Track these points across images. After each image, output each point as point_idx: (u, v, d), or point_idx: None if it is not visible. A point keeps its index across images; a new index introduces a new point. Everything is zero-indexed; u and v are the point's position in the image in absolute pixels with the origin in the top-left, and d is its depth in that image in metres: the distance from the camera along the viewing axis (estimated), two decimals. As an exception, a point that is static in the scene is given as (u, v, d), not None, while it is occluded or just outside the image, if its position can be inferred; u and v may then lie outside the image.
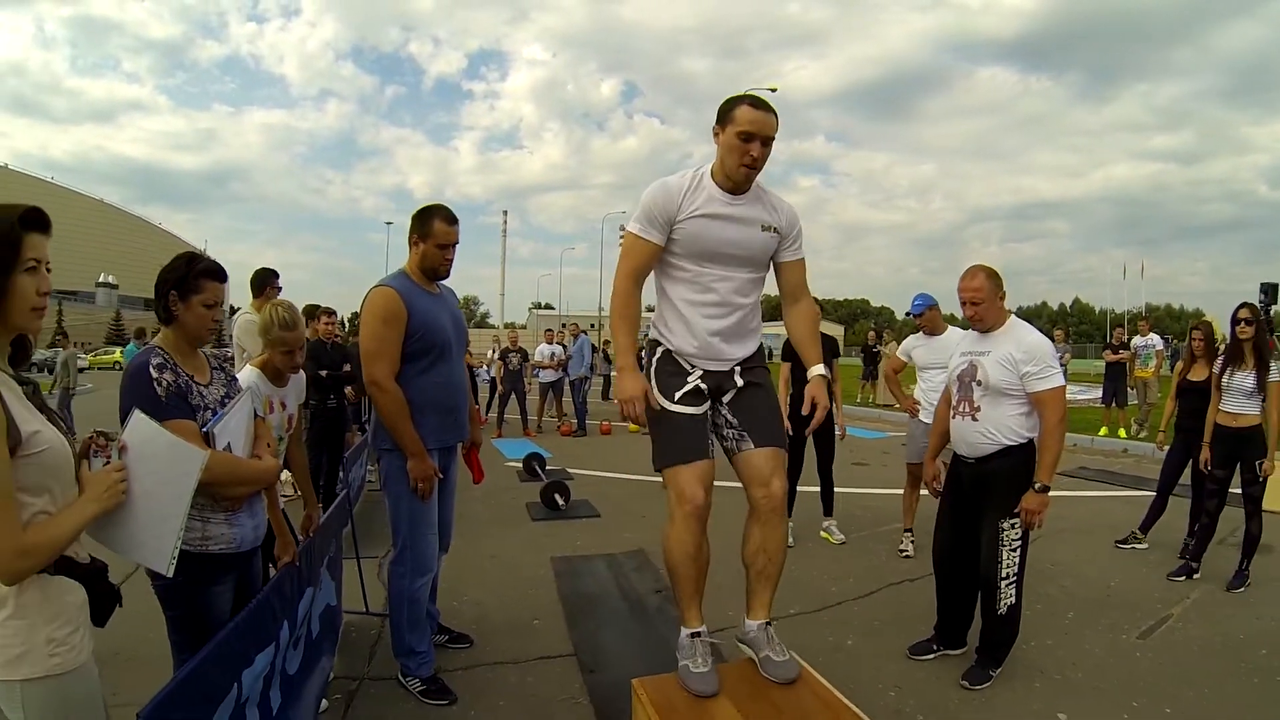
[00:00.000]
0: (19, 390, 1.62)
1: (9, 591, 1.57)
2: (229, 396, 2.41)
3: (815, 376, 3.02)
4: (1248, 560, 5.16)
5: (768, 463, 2.93)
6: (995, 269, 3.75)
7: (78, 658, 1.66)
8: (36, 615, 1.60)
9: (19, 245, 1.59)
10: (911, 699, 3.55)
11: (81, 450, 1.79)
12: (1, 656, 1.54)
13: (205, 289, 2.30)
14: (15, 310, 1.60)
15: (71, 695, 1.66)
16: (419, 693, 3.46)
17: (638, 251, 2.88)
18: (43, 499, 1.61)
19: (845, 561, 5.73)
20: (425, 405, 3.38)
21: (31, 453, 1.57)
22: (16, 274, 1.58)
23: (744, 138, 2.71)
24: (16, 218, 1.59)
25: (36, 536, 1.55)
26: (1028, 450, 3.62)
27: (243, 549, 2.43)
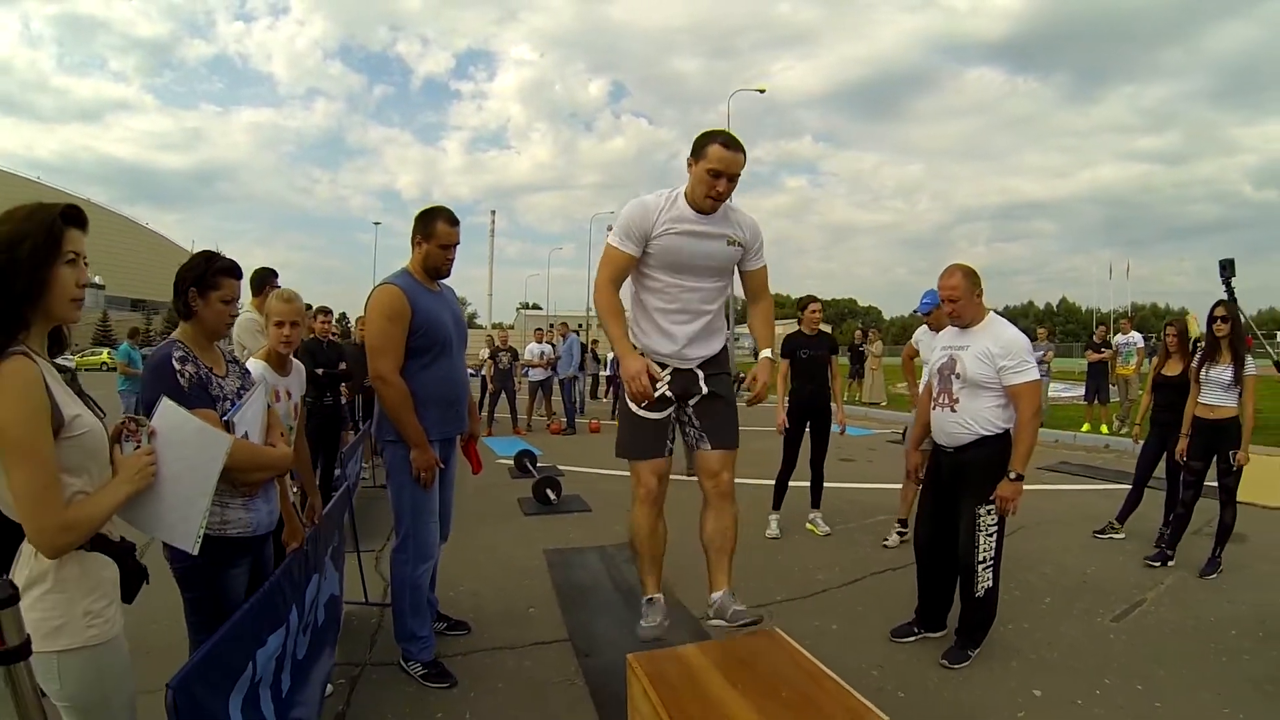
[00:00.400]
0: (59, 377, 1.73)
1: (49, 566, 1.68)
2: (244, 388, 2.53)
3: (764, 358, 3.40)
4: (1220, 548, 5.32)
5: (719, 460, 3.43)
6: (973, 268, 3.89)
7: (112, 630, 1.78)
8: (75, 589, 1.72)
9: (60, 239, 1.70)
10: (893, 678, 3.69)
11: (114, 435, 1.89)
12: (41, 629, 1.63)
13: (223, 285, 2.42)
14: (56, 301, 1.71)
15: (106, 666, 1.78)
16: (420, 677, 3.58)
17: (615, 261, 3.25)
18: (81, 479, 1.72)
19: (831, 552, 5.86)
20: (428, 398, 3.50)
21: (73, 435, 1.69)
22: (58, 266, 1.70)
23: (713, 174, 3.06)
24: (59, 213, 1.71)
25: (77, 513, 1.66)
26: (1003, 441, 3.75)
27: (258, 533, 2.55)
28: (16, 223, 1.66)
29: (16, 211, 1.69)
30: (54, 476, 1.62)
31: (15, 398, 1.56)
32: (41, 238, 1.67)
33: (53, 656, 1.67)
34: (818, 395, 6.33)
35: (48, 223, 1.69)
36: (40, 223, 1.68)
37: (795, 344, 6.38)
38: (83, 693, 1.74)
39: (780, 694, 2.55)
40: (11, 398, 1.56)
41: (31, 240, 1.65)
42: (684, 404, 3.43)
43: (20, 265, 1.64)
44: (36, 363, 1.64)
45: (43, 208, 1.72)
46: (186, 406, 2.10)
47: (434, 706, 3.40)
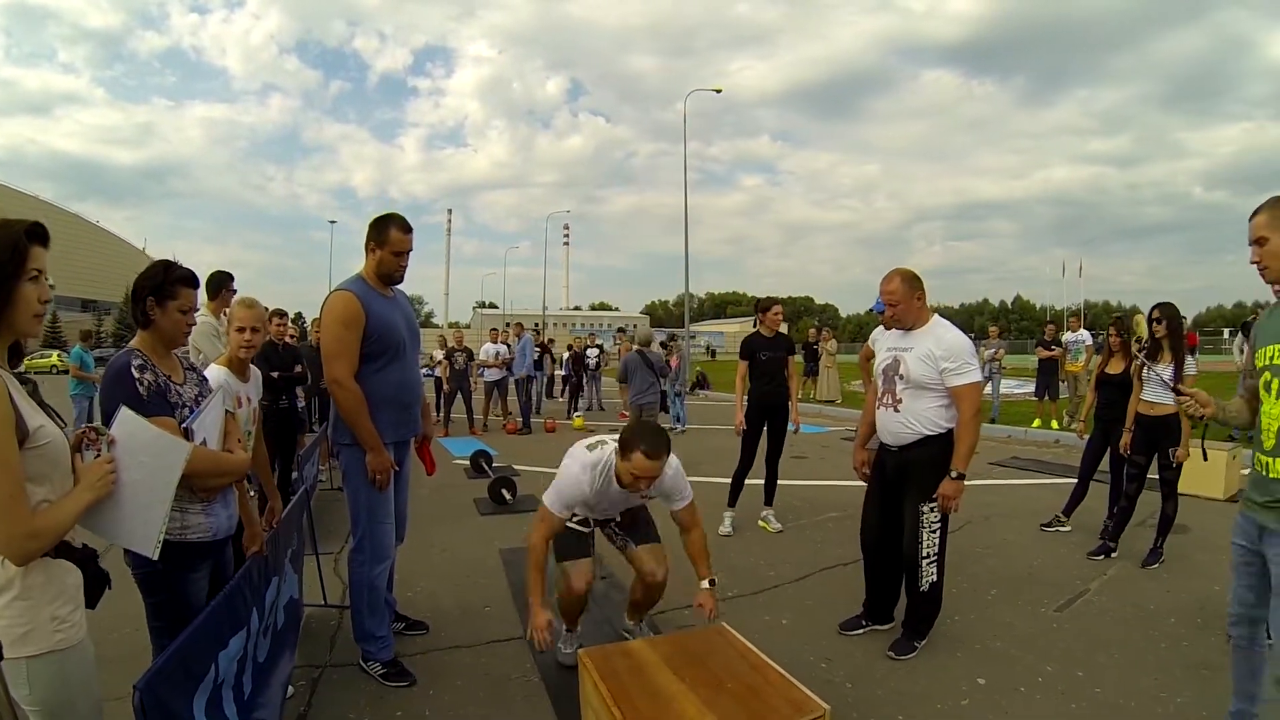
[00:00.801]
0: (21, 389, 1.77)
1: (15, 574, 1.73)
2: (202, 395, 2.56)
3: (703, 590, 3.58)
4: (1162, 539, 5.52)
5: (650, 556, 3.86)
6: (913, 272, 4.01)
7: (77, 634, 1.84)
8: (40, 595, 1.76)
9: (25, 256, 1.75)
10: (841, 670, 3.82)
11: (75, 444, 1.93)
12: (9, 635, 1.68)
13: (181, 295, 2.46)
14: (20, 316, 1.76)
15: (72, 670, 1.83)
16: (380, 676, 3.63)
17: (551, 522, 3.52)
18: (45, 488, 1.77)
19: (782, 548, 5.99)
20: (382, 402, 3.56)
21: (37, 445, 1.73)
22: (22, 282, 1.75)
23: (641, 482, 3.37)
24: (23, 231, 1.76)
25: (43, 521, 1.71)
26: (946, 440, 3.87)
27: (218, 537, 2.60)
28: None
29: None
30: (20, 486, 1.66)
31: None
32: (6, 256, 1.71)
33: (21, 662, 1.72)
34: (776, 394, 6.45)
35: (12, 240, 1.73)
36: (4, 241, 1.72)
37: (755, 345, 6.48)
38: (51, 696, 1.79)
39: (726, 686, 2.67)
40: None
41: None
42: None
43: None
44: (0, 375, 1.68)
45: (6, 225, 1.75)
46: (145, 414, 2.14)
47: (394, 705, 3.45)
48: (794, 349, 6.73)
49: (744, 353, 6.54)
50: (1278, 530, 2.53)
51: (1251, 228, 2.63)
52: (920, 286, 4.00)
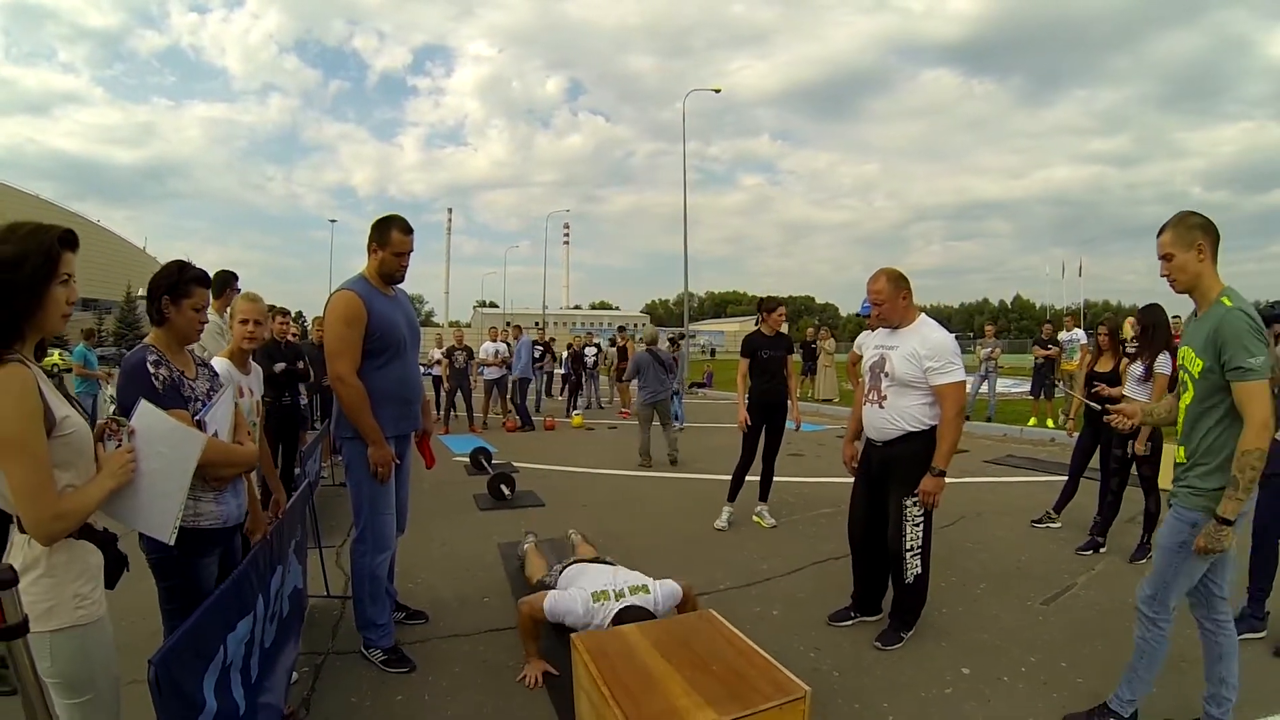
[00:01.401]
0: (49, 381, 1.91)
1: (41, 553, 1.86)
2: (213, 389, 2.69)
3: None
4: (1148, 534, 5.59)
5: None
6: (899, 272, 4.11)
7: (98, 611, 1.97)
8: (64, 573, 1.90)
9: (58, 262, 1.88)
10: (829, 659, 3.93)
11: (97, 434, 2.07)
12: (34, 610, 1.79)
13: (195, 294, 2.59)
14: (49, 317, 1.89)
15: (93, 644, 1.96)
16: (381, 663, 3.76)
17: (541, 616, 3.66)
18: (70, 474, 1.90)
19: (775, 543, 6.10)
20: (383, 398, 3.69)
21: (63, 434, 1.87)
22: (54, 286, 1.88)
23: None
24: (57, 237, 1.89)
25: (69, 504, 1.85)
26: (929, 436, 3.96)
27: (228, 525, 2.74)
28: (17, 243, 1.83)
29: (18, 229, 1.86)
30: (48, 471, 1.80)
31: (13, 400, 1.74)
32: (41, 261, 1.84)
33: (45, 636, 1.84)
34: (776, 392, 6.56)
35: (47, 246, 1.86)
36: (40, 245, 1.85)
37: (756, 344, 6.59)
38: (72, 670, 1.91)
39: (711, 668, 2.79)
40: (10, 400, 1.74)
41: (32, 262, 1.82)
42: None
43: (20, 285, 1.81)
44: (30, 368, 1.82)
45: (42, 230, 1.89)
46: (161, 407, 2.27)
47: (394, 690, 3.57)
48: (793, 348, 6.84)
49: (745, 350, 6.65)
50: (1178, 505, 2.97)
51: (1159, 245, 2.98)
52: (906, 285, 4.10)
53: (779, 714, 2.58)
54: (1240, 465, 2.72)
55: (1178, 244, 2.91)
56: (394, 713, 3.38)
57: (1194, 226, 2.91)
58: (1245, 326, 2.73)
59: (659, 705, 2.55)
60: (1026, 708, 3.41)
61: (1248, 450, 2.70)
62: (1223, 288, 2.91)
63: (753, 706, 2.55)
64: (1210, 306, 2.89)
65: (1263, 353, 2.71)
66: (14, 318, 1.82)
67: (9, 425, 1.74)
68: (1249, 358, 2.70)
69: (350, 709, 3.41)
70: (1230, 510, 2.75)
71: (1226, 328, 2.76)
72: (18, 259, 1.81)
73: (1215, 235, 2.92)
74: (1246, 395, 2.72)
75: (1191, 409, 2.96)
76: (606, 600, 3.63)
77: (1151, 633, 3.11)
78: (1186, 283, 2.95)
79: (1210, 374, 2.83)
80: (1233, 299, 2.84)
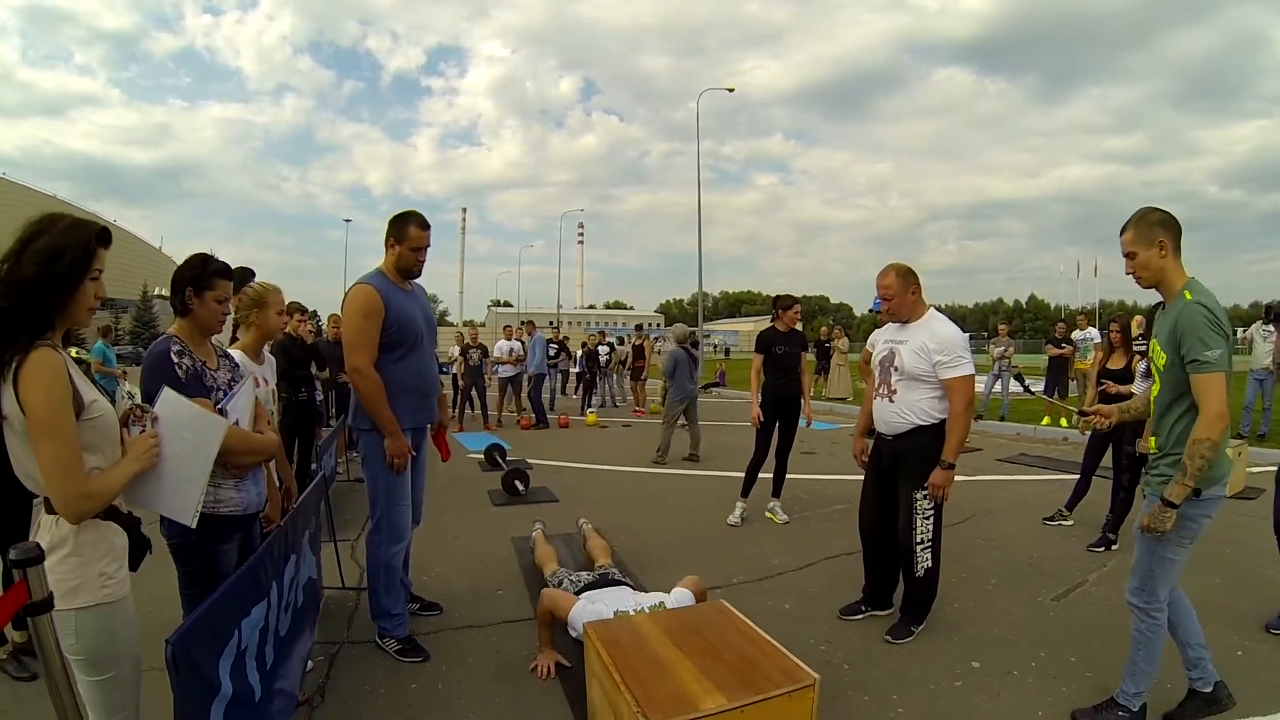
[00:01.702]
0: (77, 367, 1.97)
1: (68, 533, 1.92)
2: (234, 380, 2.75)
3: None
4: None
5: None
6: (909, 267, 4.13)
7: (122, 590, 2.04)
8: (90, 553, 1.96)
9: (93, 257, 1.97)
10: (839, 651, 3.96)
11: (123, 419, 2.14)
12: (60, 589, 1.86)
13: (218, 286, 2.67)
14: (79, 309, 1.99)
15: (117, 622, 2.03)
16: (395, 652, 3.81)
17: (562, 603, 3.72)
18: (97, 456, 1.97)
19: (788, 538, 6.13)
20: (400, 390, 3.75)
21: (91, 417, 1.94)
22: (86, 280, 1.97)
23: None
24: (94, 234, 1.98)
25: (96, 484, 1.92)
26: (938, 430, 3.98)
27: (248, 512, 2.80)
28: (57, 236, 1.91)
29: (57, 222, 1.95)
30: (77, 453, 1.87)
31: (45, 384, 1.82)
32: (79, 255, 1.93)
33: (70, 614, 1.90)
34: (790, 388, 6.60)
35: (84, 241, 1.95)
36: (77, 240, 1.94)
37: (771, 339, 6.63)
38: (96, 647, 1.98)
39: (723, 656, 2.83)
40: (42, 383, 1.81)
41: (70, 255, 1.91)
42: None
43: (57, 278, 1.90)
44: (60, 354, 1.89)
45: (79, 225, 1.98)
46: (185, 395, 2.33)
47: (408, 678, 3.62)
48: (807, 345, 6.85)
49: (760, 346, 6.68)
50: (1150, 495, 3.11)
51: (1122, 244, 3.10)
52: (915, 281, 4.12)
53: (788, 701, 2.61)
54: (1191, 453, 2.82)
55: (1139, 242, 3.03)
56: (408, 701, 3.43)
57: (1154, 224, 3.02)
58: (1202, 320, 2.83)
59: (669, 690, 2.58)
60: (1036, 701, 3.42)
61: (1199, 440, 2.81)
62: (1186, 280, 3.01)
63: (763, 693, 2.58)
64: (1174, 300, 3.00)
65: (1219, 345, 2.82)
66: (49, 309, 1.90)
67: (41, 407, 1.81)
68: (1205, 350, 2.80)
69: (364, 696, 3.46)
70: (1176, 495, 2.87)
71: (1184, 320, 2.87)
72: (57, 252, 1.90)
73: (1177, 230, 3.03)
74: (1202, 387, 2.83)
75: (1160, 401, 3.09)
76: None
77: (1146, 623, 3.21)
78: (1151, 279, 3.06)
79: (1174, 367, 2.94)
80: (1194, 292, 2.94)
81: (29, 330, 1.85)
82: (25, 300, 1.86)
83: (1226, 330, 2.87)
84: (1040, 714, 3.31)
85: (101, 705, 2.03)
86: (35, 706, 3.27)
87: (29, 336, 1.84)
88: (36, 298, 1.87)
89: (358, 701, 3.42)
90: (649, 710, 2.44)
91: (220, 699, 2.24)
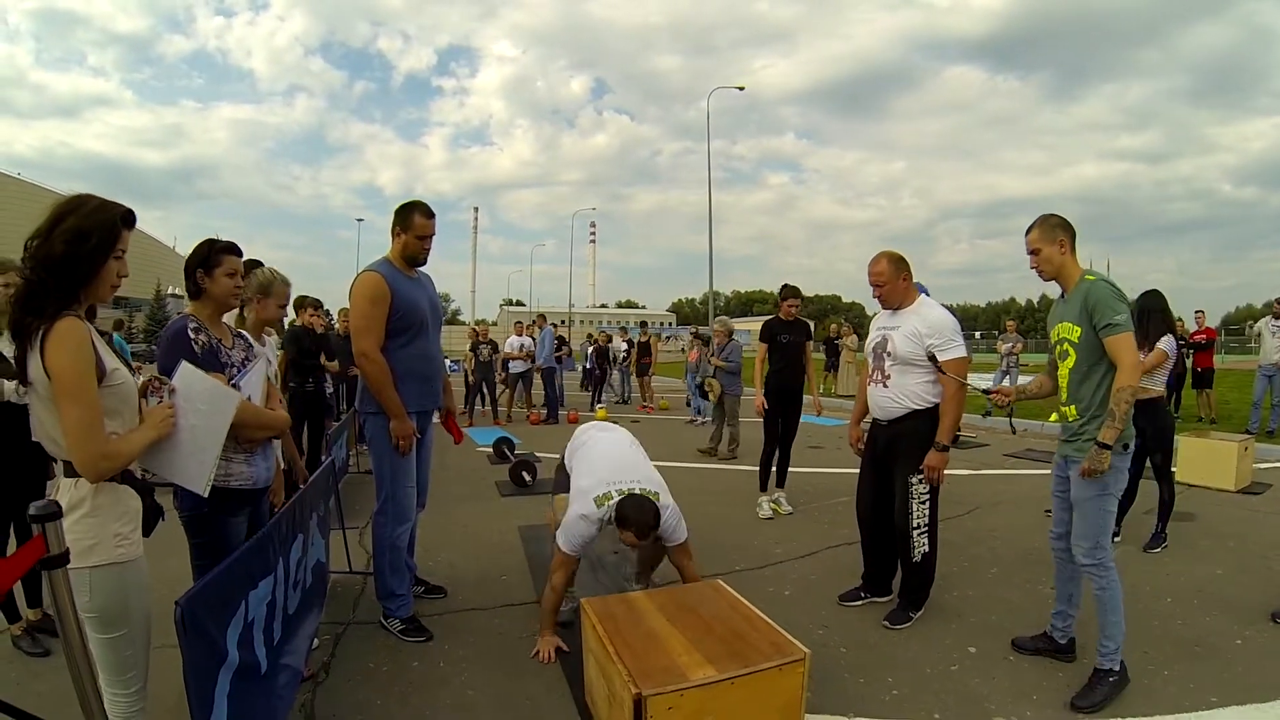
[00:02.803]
0: (100, 337, 2.10)
1: (87, 493, 2.04)
2: (248, 358, 2.87)
3: None
4: (1163, 524, 5.62)
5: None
6: (899, 254, 4.20)
7: (135, 551, 2.14)
8: (107, 514, 2.07)
9: (118, 237, 2.10)
10: (837, 636, 4.01)
11: (141, 390, 2.26)
12: (77, 547, 1.96)
13: (225, 261, 2.79)
14: (103, 285, 2.12)
15: (129, 581, 2.12)
16: (399, 632, 3.89)
17: (569, 564, 3.76)
18: (116, 422, 2.10)
19: (791, 528, 6.19)
20: (406, 374, 3.84)
21: (113, 385, 2.07)
22: (110, 259, 2.09)
23: None
24: (120, 215, 2.11)
25: (116, 446, 2.04)
26: (932, 414, 4.04)
27: (257, 486, 2.90)
28: (85, 217, 2.04)
29: (87, 203, 2.08)
30: (98, 415, 1.99)
31: (71, 350, 1.94)
32: (105, 235, 2.06)
33: (85, 571, 2.00)
34: (794, 378, 6.67)
35: (110, 222, 2.08)
36: (104, 221, 2.07)
37: (774, 329, 6.72)
38: (109, 604, 2.07)
39: (714, 630, 2.90)
40: (68, 350, 1.94)
41: (97, 235, 2.04)
42: None
43: (83, 255, 2.03)
44: (84, 323, 2.02)
45: (106, 206, 2.10)
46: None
47: (410, 657, 3.71)
48: (811, 334, 6.90)
49: (764, 336, 6.77)
50: (1076, 458, 3.42)
51: (1027, 242, 3.58)
52: (906, 268, 4.18)
53: (779, 674, 2.68)
54: (1116, 400, 3.24)
55: (1043, 240, 3.52)
56: (410, 678, 3.50)
57: (1055, 225, 3.52)
58: (1109, 292, 3.33)
59: (661, 662, 2.65)
60: (1031, 686, 3.45)
61: (1121, 388, 3.23)
62: (1083, 271, 3.52)
63: (752, 665, 2.65)
64: (1075, 286, 3.47)
65: (1125, 311, 3.28)
66: (74, 284, 2.04)
67: (67, 371, 1.93)
68: (1115, 315, 3.26)
69: (368, 674, 3.53)
70: (1108, 436, 3.23)
71: (1093, 294, 3.34)
72: (85, 232, 2.03)
73: (1073, 232, 3.54)
74: (1116, 346, 3.27)
75: (1075, 373, 3.46)
76: (609, 501, 3.72)
77: (1104, 577, 3.44)
78: (1052, 272, 3.55)
79: (1088, 337, 3.36)
80: (1095, 275, 3.46)
81: (55, 302, 1.98)
82: (54, 275, 2.00)
83: (1127, 301, 3.37)
84: (1035, 698, 3.34)
85: (112, 663, 2.12)
86: (48, 680, 3.36)
87: (55, 308, 1.97)
88: (64, 273, 2.01)
89: (361, 678, 3.49)
90: (640, 679, 2.51)
91: (227, 666, 2.31)
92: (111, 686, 2.13)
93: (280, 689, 2.88)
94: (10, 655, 3.64)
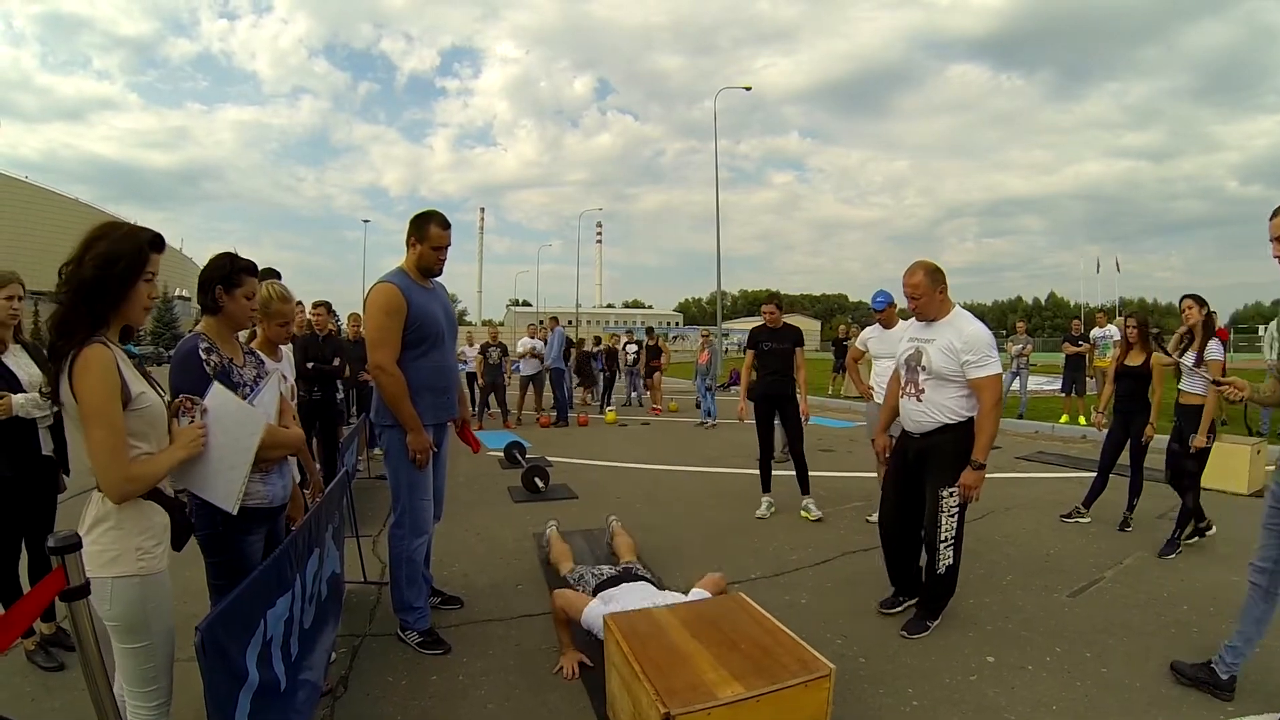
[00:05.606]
0: (128, 361, 2.14)
1: (113, 509, 2.09)
2: (260, 376, 2.83)
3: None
4: (1180, 530, 5.57)
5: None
6: (936, 265, 4.13)
7: (158, 565, 2.18)
8: (131, 528, 2.12)
9: (146, 261, 2.15)
10: (855, 645, 3.98)
11: (173, 410, 2.31)
12: (101, 559, 2.04)
13: (245, 282, 2.76)
14: (134, 309, 2.18)
15: (150, 593, 2.16)
16: (417, 644, 3.88)
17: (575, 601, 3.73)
18: (145, 444, 2.15)
19: (806, 534, 6.16)
20: (421, 387, 3.82)
21: (138, 408, 2.11)
22: (140, 281, 2.15)
23: None
24: (148, 240, 2.16)
25: (140, 469, 2.09)
26: (967, 428, 3.99)
27: (274, 505, 2.88)
28: (113, 242, 2.11)
29: (116, 229, 2.14)
30: (123, 438, 2.04)
31: (97, 376, 2.00)
32: (133, 259, 2.12)
33: (107, 581, 2.05)
34: (780, 385, 6.65)
35: (137, 247, 2.14)
36: (133, 246, 2.13)
37: (759, 336, 6.72)
38: (129, 614, 2.12)
39: (740, 646, 2.87)
40: (94, 376, 1.99)
41: (126, 261, 2.10)
42: None
43: (112, 281, 2.09)
44: (112, 350, 2.07)
45: (135, 232, 2.17)
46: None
47: (429, 670, 3.69)
48: (801, 341, 6.84)
49: (750, 343, 6.81)
50: None
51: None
52: (942, 279, 4.12)
53: (805, 691, 2.66)
54: None
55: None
56: (429, 692, 3.49)
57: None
58: None
59: (687, 679, 2.63)
60: (1050, 696, 3.42)
61: None
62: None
63: (779, 682, 2.63)
64: None
65: None
66: (104, 308, 2.09)
67: (92, 397, 1.98)
68: None
69: (386, 687, 3.52)
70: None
71: None
72: (113, 258, 2.09)
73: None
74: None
75: None
76: None
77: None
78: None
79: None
80: None
81: (86, 327, 2.04)
82: (85, 300, 2.06)
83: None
84: (1054, 708, 3.31)
85: (134, 675, 2.17)
86: (62, 696, 3.36)
87: (85, 333, 2.03)
88: (94, 297, 2.07)
89: (380, 692, 3.48)
90: (667, 698, 2.49)
91: (248, 687, 2.29)
92: (133, 698, 2.20)
93: (299, 705, 2.85)
94: (24, 669, 3.63)
